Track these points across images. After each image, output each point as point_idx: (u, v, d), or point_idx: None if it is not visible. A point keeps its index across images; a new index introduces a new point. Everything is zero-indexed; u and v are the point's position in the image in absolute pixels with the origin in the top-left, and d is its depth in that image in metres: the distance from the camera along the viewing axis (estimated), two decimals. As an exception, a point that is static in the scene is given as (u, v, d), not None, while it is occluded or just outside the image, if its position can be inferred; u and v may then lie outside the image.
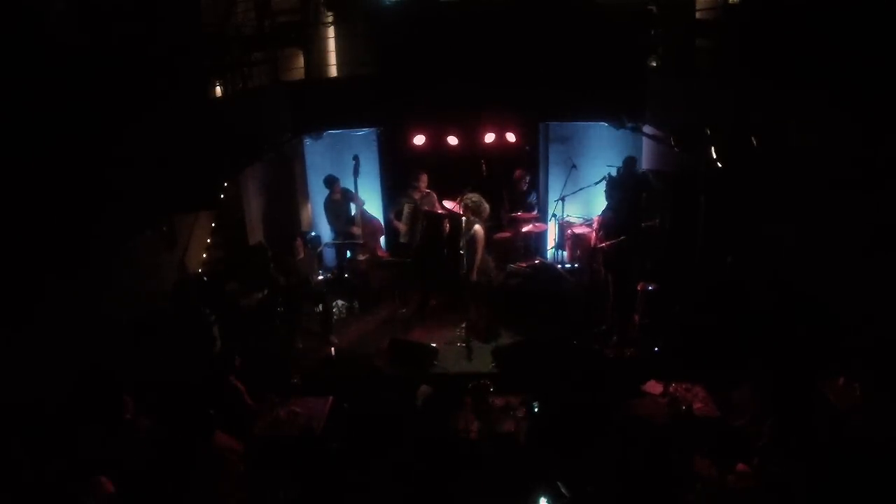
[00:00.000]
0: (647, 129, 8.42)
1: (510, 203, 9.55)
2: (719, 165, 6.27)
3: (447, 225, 8.38)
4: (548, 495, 5.09)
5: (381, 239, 9.77)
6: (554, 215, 9.61)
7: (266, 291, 7.75)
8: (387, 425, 5.87)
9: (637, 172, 9.02)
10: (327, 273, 9.65)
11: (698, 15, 7.69)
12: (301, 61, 9.10)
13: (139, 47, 5.18)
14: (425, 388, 6.17)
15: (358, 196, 8.95)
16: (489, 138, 8.90)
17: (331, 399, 6.14)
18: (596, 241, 8.53)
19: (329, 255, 10.00)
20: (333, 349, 8.07)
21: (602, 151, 9.55)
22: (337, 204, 9.21)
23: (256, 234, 8.86)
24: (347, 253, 9.42)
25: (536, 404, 5.89)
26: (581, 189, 9.27)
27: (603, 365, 7.35)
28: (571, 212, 9.69)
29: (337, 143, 9.74)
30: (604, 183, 8.99)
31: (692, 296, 7.23)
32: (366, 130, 9.62)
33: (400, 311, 8.72)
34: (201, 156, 5.68)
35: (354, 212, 9.15)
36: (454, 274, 8.26)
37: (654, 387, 6.19)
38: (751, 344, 6.16)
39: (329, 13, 9.39)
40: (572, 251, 9.70)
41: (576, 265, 9.61)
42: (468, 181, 8.30)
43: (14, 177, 4.16)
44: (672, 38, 8.00)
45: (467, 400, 5.82)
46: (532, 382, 6.38)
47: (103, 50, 4.93)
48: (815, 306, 5.62)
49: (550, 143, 9.96)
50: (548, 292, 8.66)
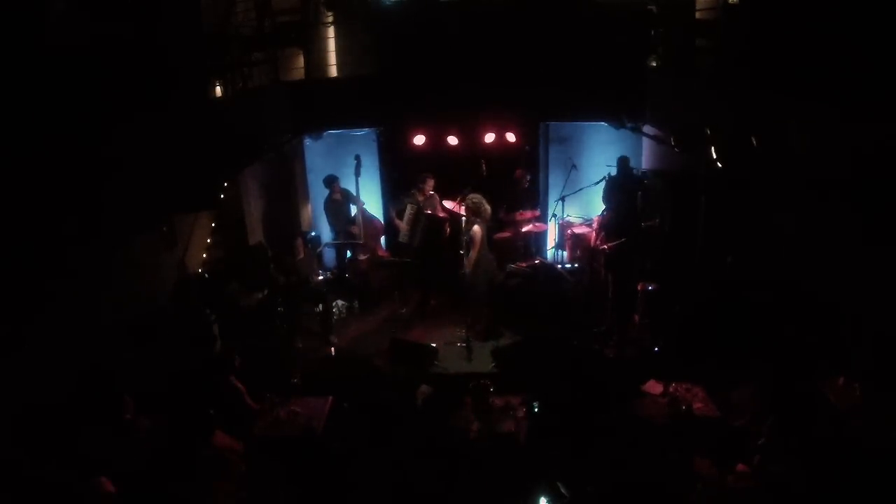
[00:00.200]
0: (647, 129, 8.42)
1: (510, 203, 9.55)
2: (719, 165, 6.27)
3: (448, 229, 8.40)
4: (548, 495, 5.09)
5: (382, 239, 9.78)
6: (554, 215, 9.62)
7: (266, 291, 7.76)
8: (387, 425, 5.88)
9: (634, 172, 9.02)
10: (327, 273, 9.65)
11: (698, 15, 7.69)
12: (301, 61, 9.09)
13: (139, 47, 5.18)
14: (425, 388, 6.17)
15: (359, 198, 8.96)
16: (489, 138, 8.91)
17: (331, 399, 6.14)
18: (596, 242, 8.53)
19: (329, 255, 10.01)
20: (333, 349, 8.08)
21: (602, 151, 9.57)
22: (337, 204, 9.21)
23: (256, 234, 8.86)
24: (347, 253, 9.43)
25: (536, 404, 5.90)
26: (581, 189, 9.29)
27: (603, 365, 7.35)
28: (571, 212, 9.71)
29: (337, 143, 9.75)
30: (603, 183, 9.01)
31: (692, 296, 7.23)
32: (366, 130, 9.63)
33: (400, 311, 8.73)
34: (201, 156, 5.67)
35: (354, 212, 9.16)
36: (454, 274, 8.28)
37: (654, 387, 6.18)
38: (751, 344, 6.16)
39: (329, 13, 9.38)
40: (572, 251, 9.71)
41: (576, 265, 9.62)
42: (468, 181, 8.30)
43: (14, 177, 4.16)
44: (672, 38, 8.00)
45: (467, 400, 5.82)
46: (532, 382, 6.37)
47: (103, 50, 4.93)
48: (815, 306, 5.62)
49: (550, 143, 9.97)
50: (548, 292, 8.67)
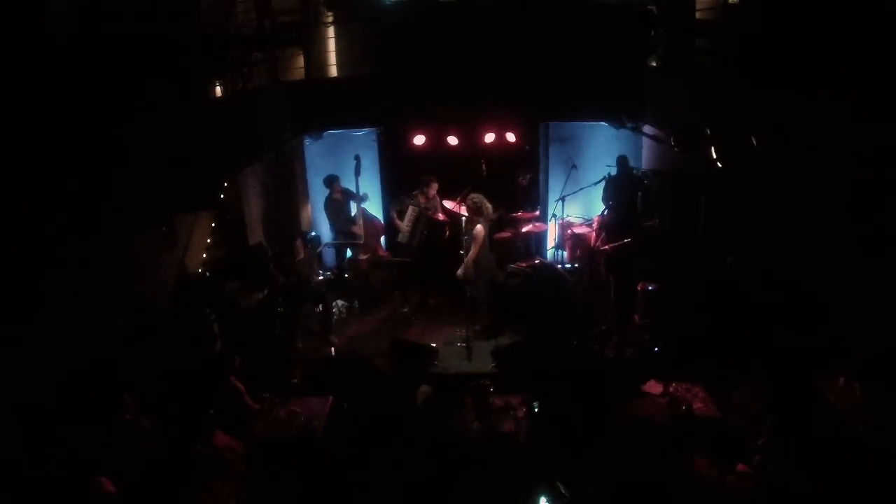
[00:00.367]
0: (647, 129, 8.42)
1: (510, 203, 9.54)
2: (719, 165, 6.27)
3: (448, 232, 8.41)
4: (548, 495, 5.09)
5: (382, 239, 9.78)
6: (554, 215, 9.62)
7: (266, 291, 7.75)
8: (387, 425, 5.88)
9: (634, 172, 9.02)
10: (327, 273, 9.65)
11: (698, 15, 7.69)
12: (301, 61, 9.09)
13: (139, 47, 5.18)
14: (425, 388, 6.17)
15: (359, 194, 8.95)
16: (489, 138, 8.90)
17: (331, 399, 6.14)
18: (597, 243, 8.53)
19: (329, 255, 10.01)
20: (333, 349, 8.08)
21: (602, 151, 9.56)
22: (337, 203, 9.21)
23: (256, 234, 8.85)
24: (347, 253, 9.42)
25: (536, 404, 5.89)
26: (581, 189, 9.28)
27: (603, 365, 7.34)
28: (571, 212, 9.71)
29: (337, 143, 9.75)
30: (603, 183, 9.00)
31: (692, 296, 7.23)
32: (366, 130, 9.63)
33: (402, 311, 8.73)
34: (201, 156, 5.67)
35: (354, 212, 9.16)
36: (454, 275, 8.28)
37: (654, 387, 6.19)
38: (751, 344, 6.16)
39: (329, 13, 9.38)
40: (572, 251, 9.71)
41: (576, 265, 9.62)
42: (468, 181, 8.30)
43: (15, 177, 4.16)
44: (672, 38, 8.00)
45: (467, 400, 5.82)
46: (532, 382, 6.37)
47: (103, 50, 4.93)
48: (816, 306, 5.62)
49: (550, 143, 9.96)
50: (548, 292, 8.67)
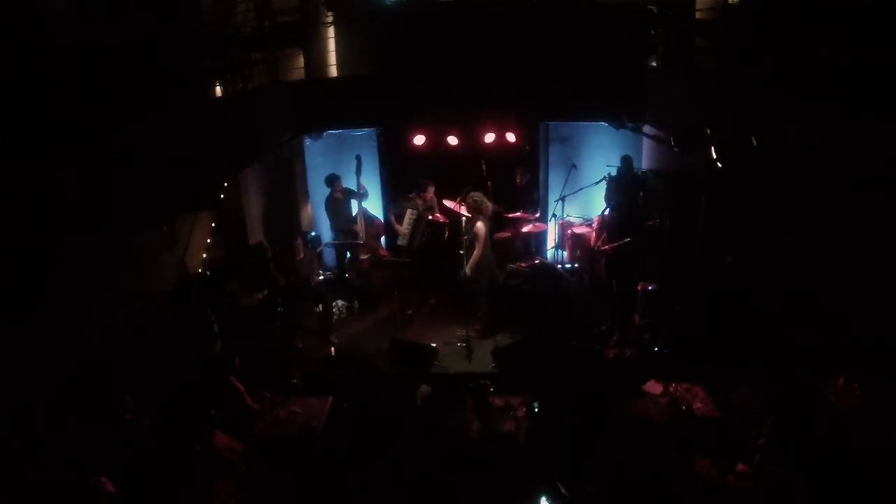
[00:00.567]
0: (647, 129, 8.41)
1: (510, 203, 9.54)
2: (719, 165, 6.27)
3: (447, 232, 8.40)
4: (548, 495, 5.08)
5: (382, 239, 9.78)
6: (554, 215, 9.62)
7: (266, 291, 7.75)
8: (387, 425, 5.88)
9: (636, 172, 9.03)
10: (327, 273, 9.65)
11: (698, 15, 7.68)
12: (301, 61, 9.09)
13: (139, 47, 5.18)
14: (425, 388, 6.17)
15: (359, 192, 8.94)
16: (489, 138, 8.90)
17: (331, 399, 6.14)
18: (597, 243, 8.53)
19: (329, 255, 10.01)
20: (333, 349, 8.08)
21: (602, 151, 9.56)
22: (338, 203, 9.21)
23: (256, 234, 8.85)
24: (347, 253, 9.42)
25: (536, 404, 5.89)
26: (581, 189, 9.28)
27: (603, 365, 7.34)
28: (571, 212, 9.71)
29: (337, 143, 9.75)
30: (603, 183, 9.00)
31: (692, 296, 7.23)
32: (366, 130, 9.63)
33: (406, 312, 8.72)
34: (201, 156, 5.68)
35: (355, 210, 9.16)
36: (453, 275, 8.28)
37: (654, 387, 6.18)
38: (751, 344, 6.16)
39: (329, 13, 9.38)
40: (572, 251, 9.70)
41: (576, 265, 9.62)
42: (468, 181, 8.30)
43: (15, 177, 4.16)
44: (672, 38, 7.99)
45: (467, 400, 5.82)
46: (532, 382, 6.37)
47: (103, 50, 4.93)
48: (816, 306, 5.61)
49: (550, 143, 9.97)
50: (548, 292, 8.67)
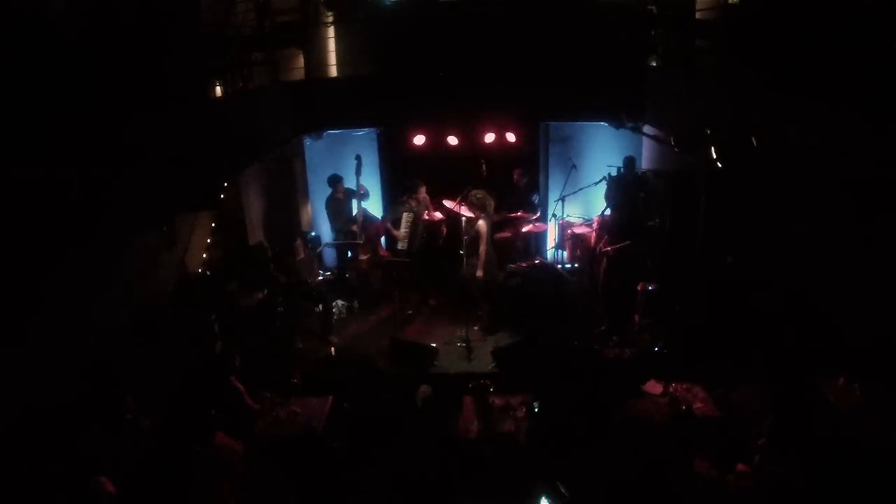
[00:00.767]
0: (647, 129, 8.42)
1: (510, 203, 9.55)
2: (719, 165, 6.26)
3: (444, 229, 8.40)
4: (548, 495, 5.09)
5: (382, 239, 9.78)
6: (554, 215, 9.62)
7: (266, 291, 7.75)
8: (387, 425, 5.88)
9: (637, 172, 9.03)
10: (327, 273, 9.65)
11: (698, 15, 7.69)
12: (301, 61, 9.10)
13: (139, 47, 5.18)
14: (425, 388, 6.17)
15: (360, 192, 8.94)
16: (489, 138, 8.90)
17: (331, 399, 6.14)
18: (597, 244, 8.52)
19: (329, 255, 10.01)
20: (333, 349, 8.08)
21: (602, 151, 9.57)
22: (339, 203, 9.21)
23: (256, 234, 8.86)
24: (348, 253, 9.42)
25: (536, 404, 5.89)
26: (581, 189, 9.28)
27: (603, 365, 7.34)
28: (571, 212, 9.71)
29: (337, 143, 9.75)
30: (604, 183, 9.00)
31: (692, 296, 7.23)
32: (366, 130, 9.63)
33: (406, 312, 8.72)
34: (201, 156, 5.68)
35: (356, 210, 9.16)
36: (454, 274, 8.28)
37: (654, 387, 6.18)
38: (751, 344, 6.16)
39: (329, 13, 9.38)
40: (572, 251, 9.70)
41: (576, 265, 9.62)
42: (468, 181, 8.30)
43: (15, 176, 4.16)
44: (672, 38, 8.00)
45: (467, 400, 5.82)
46: (532, 382, 6.37)
47: (103, 50, 4.93)
48: (816, 306, 5.61)
49: (550, 143, 9.97)
50: (547, 292, 8.67)
